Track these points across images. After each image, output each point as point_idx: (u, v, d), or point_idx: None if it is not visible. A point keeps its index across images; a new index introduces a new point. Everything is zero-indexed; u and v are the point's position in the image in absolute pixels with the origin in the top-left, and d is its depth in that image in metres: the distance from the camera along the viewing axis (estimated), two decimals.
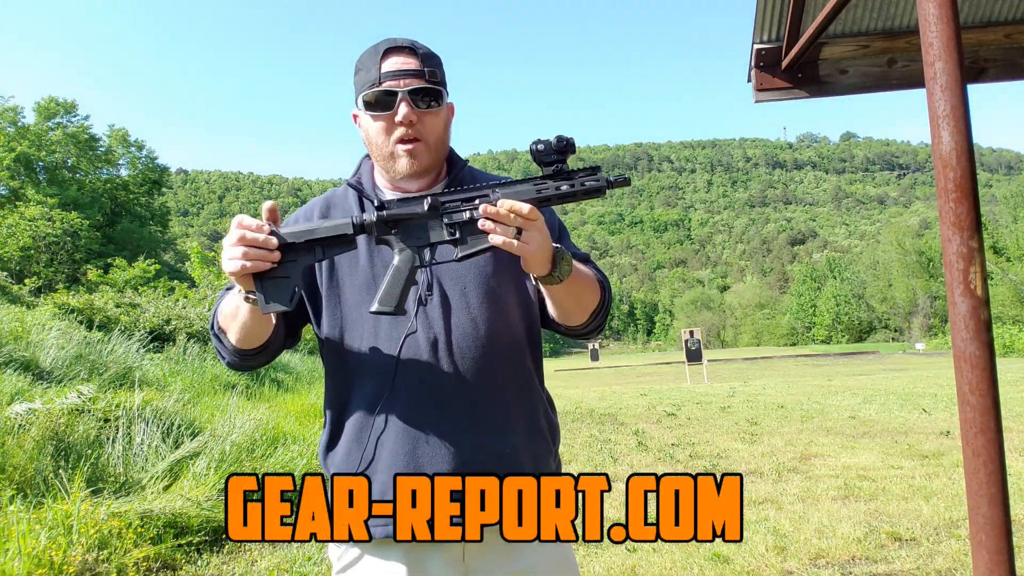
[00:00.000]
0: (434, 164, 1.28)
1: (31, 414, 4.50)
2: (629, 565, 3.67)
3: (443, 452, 1.21)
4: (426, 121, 1.22)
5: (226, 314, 1.23)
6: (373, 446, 1.22)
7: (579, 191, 1.13)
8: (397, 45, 1.22)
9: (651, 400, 13.35)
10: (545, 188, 1.13)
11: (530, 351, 1.33)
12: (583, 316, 1.28)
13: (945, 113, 1.53)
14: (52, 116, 30.75)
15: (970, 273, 1.48)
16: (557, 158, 1.13)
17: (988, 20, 3.42)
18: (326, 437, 1.30)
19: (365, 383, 1.24)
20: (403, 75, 1.20)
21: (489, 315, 1.26)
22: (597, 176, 1.13)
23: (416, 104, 1.20)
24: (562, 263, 1.15)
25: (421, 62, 1.22)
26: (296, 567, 3.72)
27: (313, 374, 13.79)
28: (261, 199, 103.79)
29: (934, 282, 59.72)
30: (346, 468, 1.24)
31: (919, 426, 8.23)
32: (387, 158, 1.25)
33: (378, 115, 1.22)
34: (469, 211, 1.12)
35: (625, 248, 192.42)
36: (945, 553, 3.68)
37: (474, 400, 1.23)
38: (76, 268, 21.51)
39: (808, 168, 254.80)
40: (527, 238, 1.07)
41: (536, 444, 1.30)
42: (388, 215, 1.12)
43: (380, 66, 1.21)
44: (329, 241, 1.12)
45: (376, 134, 1.24)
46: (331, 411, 1.30)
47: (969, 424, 1.48)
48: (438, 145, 1.26)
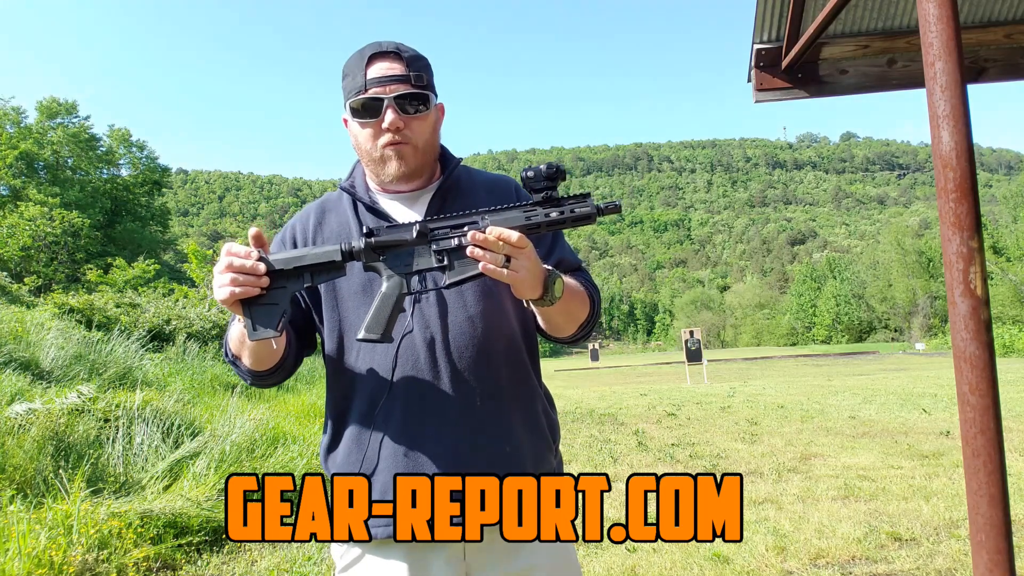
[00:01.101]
0: (423, 166, 1.29)
1: (31, 414, 4.50)
2: (629, 565, 3.67)
3: (442, 451, 1.21)
4: (413, 125, 1.23)
5: (235, 340, 1.23)
6: (376, 448, 1.23)
7: (568, 218, 1.12)
8: (383, 50, 1.22)
9: (651, 400, 13.35)
10: (535, 215, 1.13)
11: (527, 348, 1.33)
12: (571, 328, 1.29)
13: (945, 113, 1.53)
14: (54, 116, 30.75)
15: (970, 273, 1.48)
16: (546, 185, 1.12)
17: (988, 20, 3.42)
18: (327, 440, 1.31)
19: (364, 384, 1.25)
20: (389, 81, 1.20)
21: (486, 312, 1.26)
22: (587, 203, 1.13)
23: (403, 109, 1.21)
24: (554, 287, 1.15)
25: (407, 66, 1.21)
26: (296, 567, 3.72)
27: (313, 374, 13.79)
28: (261, 199, 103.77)
29: (934, 282, 59.70)
30: (347, 470, 1.25)
31: (919, 426, 8.23)
32: (376, 162, 1.25)
33: (365, 122, 1.22)
34: (457, 238, 1.11)
35: (625, 248, 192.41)
36: (945, 553, 3.68)
37: (472, 398, 1.23)
38: (76, 268, 21.49)
39: (808, 168, 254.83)
40: (516, 266, 1.07)
41: (536, 441, 1.31)
42: (376, 242, 1.12)
43: (366, 72, 1.21)
44: (317, 268, 1.12)
45: (364, 140, 1.25)
46: (331, 413, 1.30)
47: (969, 424, 1.48)
48: (426, 148, 1.27)
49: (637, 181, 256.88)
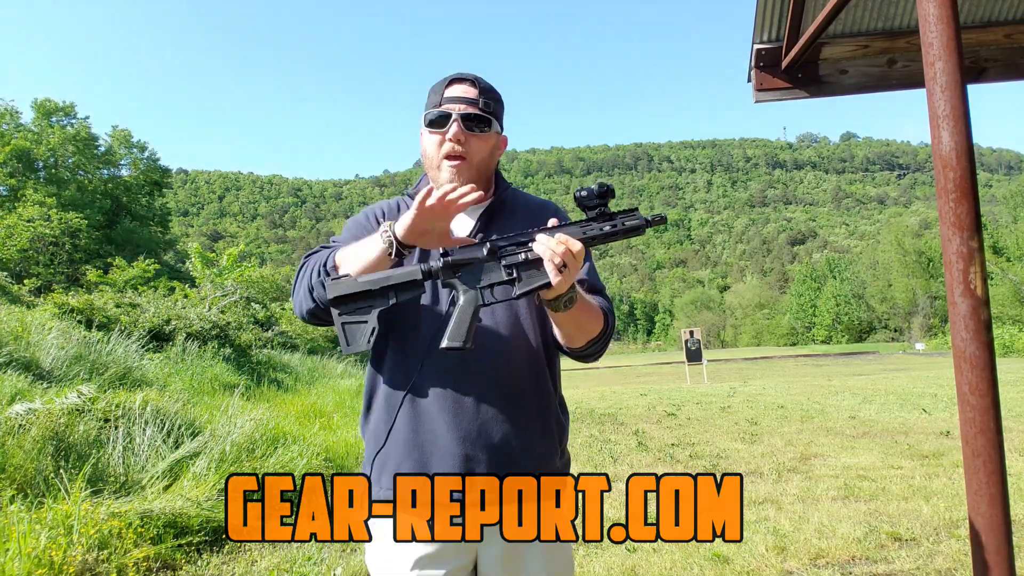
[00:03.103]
0: (476, 182, 1.41)
1: (31, 414, 4.50)
2: (629, 565, 3.67)
3: (456, 435, 1.32)
4: (472, 143, 1.39)
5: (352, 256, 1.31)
6: (400, 425, 1.35)
7: (620, 230, 1.27)
8: (462, 76, 1.42)
9: (651, 400, 13.35)
10: (590, 229, 1.27)
11: (546, 357, 1.46)
12: (583, 340, 1.40)
13: (945, 113, 1.53)
14: (50, 114, 30.63)
15: (970, 273, 1.48)
16: (599, 202, 1.27)
17: (988, 20, 3.42)
18: (363, 411, 1.46)
19: (399, 368, 1.38)
20: (460, 101, 1.39)
21: (510, 322, 1.40)
22: (636, 216, 1.27)
23: (467, 127, 1.37)
24: (568, 295, 1.28)
25: (479, 93, 1.40)
26: (296, 567, 3.72)
27: (313, 374, 13.80)
28: (261, 199, 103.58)
29: (934, 282, 59.69)
30: (375, 441, 1.38)
31: (919, 426, 8.23)
32: (435, 169, 1.41)
33: (434, 131, 1.40)
34: (524, 253, 1.26)
35: (625, 248, 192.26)
36: (945, 553, 3.68)
37: (490, 394, 1.35)
38: (75, 268, 21.45)
39: (808, 168, 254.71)
40: (567, 274, 1.21)
41: (545, 440, 1.40)
42: (452, 260, 1.27)
43: (444, 92, 1.40)
44: (402, 287, 1.25)
45: (430, 148, 1.41)
46: (368, 389, 1.45)
47: (969, 424, 1.48)
48: (481, 166, 1.42)
49: (637, 181, 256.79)
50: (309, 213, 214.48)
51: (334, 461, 6.29)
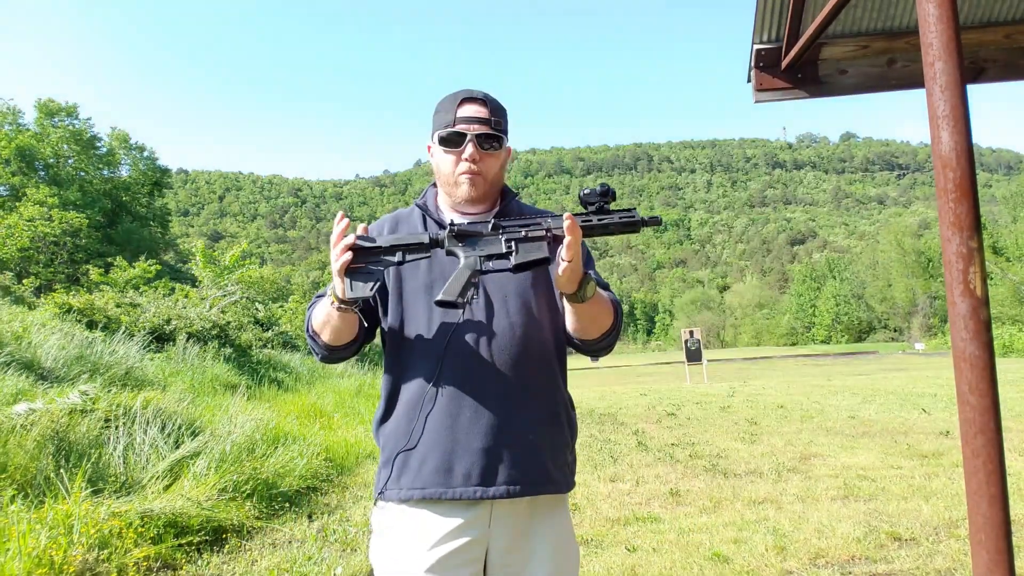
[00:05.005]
0: (488, 194, 1.53)
1: (32, 414, 4.50)
2: (629, 564, 3.67)
3: (476, 431, 1.40)
4: (486, 160, 1.49)
5: (319, 319, 1.46)
6: (422, 424, 1.42)
7: (614, 223, 1.36)
8: (473, 96, 1.49)
9: (651, 400, 13.36)
10: (588, 220, 1.36)
11: (556, 355, 1.53)
12: (596, 333, 1.48)
13: (945, 113, 1.53)
14: (52, 115, 30.62)
15: (970, 273, 1.49)
16: (600, 200, 1.37)
17: (988, 20, 3.42)
18: (380, 414, 1.51)
19: (418, 368, 1.45)
20: (474, 121, 1.46)
21: (524, 321, 1.47)
22: (632, 214, 1.37)
23: (481, 146, 1.47)
24: (587, 286, 1.36)
25: (490, 112, 1.48)
26: (296, 567, 3.72)
27: (313, 374, 13.80)
28: (261, 199, 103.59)
29: (934, 282, 59.70)
30: (394, 441, 1.45)
31: (919, 426, 8.23)
32: (452, 185, 1.50)
33: (449, 150, 1.48)
34: (524, 230, 1.36)
35: (625, 248, 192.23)
36: (945, 553, 3.68)
37: (507, 390, 1.43)
38: (76, 268, 21.43)
39: (808, 168, 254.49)
40: (568, 255, 1.29)
41: (556, 433, 1.48)
42: (459, 229, 1.38)
43: (456, 111, 1.47)
44: (410, 247, 1.37)
45: (446, 165, 1.50)
46: (387, 390, 1.51)
47: (969, 424, 1.48)
48: (493, 180, 1.52)
49: (637, 181, 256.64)
50: (309, 213, 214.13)
51: (334, 461, 6.30)
